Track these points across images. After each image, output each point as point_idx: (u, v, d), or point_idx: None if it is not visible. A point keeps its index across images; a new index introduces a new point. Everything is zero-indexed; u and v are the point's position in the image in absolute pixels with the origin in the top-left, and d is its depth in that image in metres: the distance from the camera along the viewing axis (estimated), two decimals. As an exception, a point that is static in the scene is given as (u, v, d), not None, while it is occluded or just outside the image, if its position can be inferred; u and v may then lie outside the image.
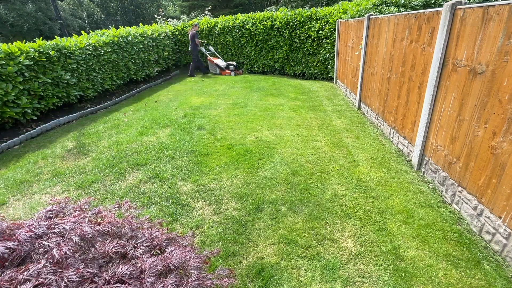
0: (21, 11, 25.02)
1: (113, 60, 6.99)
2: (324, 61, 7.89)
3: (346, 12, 6.79)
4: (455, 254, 2.00)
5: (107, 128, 4.86)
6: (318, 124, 4.59)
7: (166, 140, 4.20)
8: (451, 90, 2.51)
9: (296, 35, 8.18)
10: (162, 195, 2.85)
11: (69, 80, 5.58)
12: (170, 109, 5.78)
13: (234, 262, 2.02)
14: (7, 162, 3.77)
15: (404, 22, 3.42)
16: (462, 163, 2.36)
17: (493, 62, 2.00)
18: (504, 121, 1.91)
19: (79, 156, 3.83)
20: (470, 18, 2.25)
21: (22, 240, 1.04)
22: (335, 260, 2.00)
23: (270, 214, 2.50)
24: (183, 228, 2.37)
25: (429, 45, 2.87)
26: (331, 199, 2.67)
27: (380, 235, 2.20)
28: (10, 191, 3.06)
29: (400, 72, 3.54)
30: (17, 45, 4.74)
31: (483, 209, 2.12)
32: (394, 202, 2.58)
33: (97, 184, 3.10)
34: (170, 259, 1.12)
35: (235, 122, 4.85)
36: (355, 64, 5.57)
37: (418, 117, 3.11)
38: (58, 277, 0.90)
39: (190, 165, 3.43)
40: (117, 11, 34.87)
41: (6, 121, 4.67)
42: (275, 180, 3.03)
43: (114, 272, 0.99)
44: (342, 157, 3.47)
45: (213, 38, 9.91)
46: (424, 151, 3.00)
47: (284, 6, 16.67)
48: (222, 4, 22.60)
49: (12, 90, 4.52)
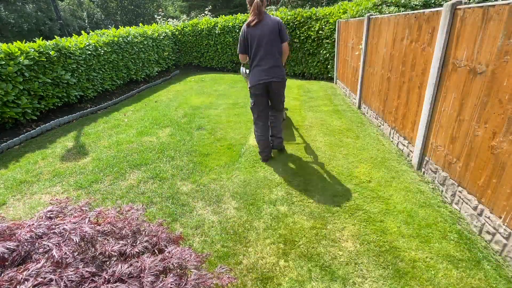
0: (22, 12, 25.04)
1: (113, 60, 6.99)
2: (324, 61, 7.88)
3: (346, 12, 6.79)
4: (455, 254, 2.00)
5: (107, 128, 4.86)
6: (318, 124, 4.58)
7: (166, 140, 4.20)
8: (451, 90, 2.51)
9: (296, 35, 8.17)
10: (162, 195, 2.85)
11: (69, 80, 5.58)
12: (170, 109, 5.78)
13: (235, 261, 2.02)
14: (7, 162, 3.78)
15: (404, 22, 3.42)
16: (462, 163, 2.36)
17: (493, 62, 2.00)
18: (504, 121, 1.91)
19: (79, 156, 3.83)
20: (470, 18, 2.25)
21: (23, 240, 1.04)
22: (335, 260, 2.00)
23: (270, 214, 2.50)
24: (183, 228, 2.37)
25: (429, 45, 2.87)
26: (331, 199, 2.67)
27: (380, 235, 2.20)
28: (10, 191, 3.06)
29: (400, 72, 3.54)
30: (17, 45, 4.74)
31: (483, 209, 2.12)
32: (394, 202, 2.58)
33: (97, 184, 3.11)
34: (170, 258, 1.12)
35: (235, 122, 4.85)
36: (355, 64, 5.57)
37: (418, 117, 3.11)
38: (57, 277, 0.91)
39: (190, 165, 3.43)
40: (117, 11, 34.87)
41: (6, 121, 4.67)
42: (275, 180, 3.03)
43: (114, 272, 0.99)
44: (342, 157, 3.47)
45: (213, 38, 9.90)
46: (424, 151, 3.00)
47: (284, 6, 16.68)
48: (222, 4, 22.61)
49: (12, 90, 4.52)
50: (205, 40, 10.08)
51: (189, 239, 2.25)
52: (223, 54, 10.07)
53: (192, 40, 10.37)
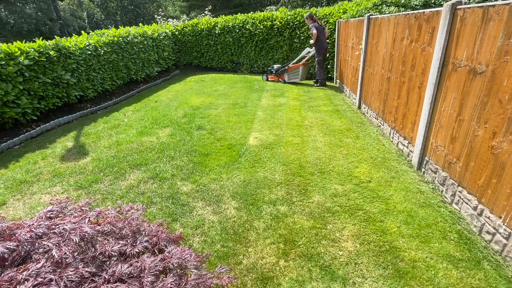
0: (22, 13, 25.05)
1: (113, 60, 6.99)
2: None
3: (346, 12, 6.79)
4: (455, 254, 2.00)
5: (107, 128, 4.86)
6: (318, 124, 4.58)
7: (166, 140, 4.20)
8: (451, 90, 2.51)
9: (296, 35, 8.18)
10: (162, 195, 2.85)
11: (69, 80, 5.58)
12: (170, 109, 5.78)
13: (235, 262, 2.02)
14: (7, 162, 3.78)
15: (404, 22, 3.42)
16: (462, 163, 2.36)
17: (493, 62, 2.00)
18: (504, 121, 1.91)
19: (79, 156, 3.83)
20: (470, 18, 2.25)
21: (22, 240, 1.04)
22: (335, 260, 2.00)
23: (270, 214, 2.50)
24: (183, 228, 2.37)
25: (429, 45, 2.87)
26: (331, 199, 2.67)
27: (380, 235, 2.20)
28: (10, 191, 3.06)
29: (400, 72, 3.54)
30: (17, 45, 4.74)
31: (483, 209, 2.12)
32: (394, 202, 2.58)
33: (97, 184, 3.10)
34: (169, 259, 1.12)
35: (235, 122, 4.85)
36: (355, 64, 5.57)
37: (418, 117, 3.11)
38: (57, 277, 0.91)
39: (190, 165, 3.43)
40: (117, 11, 34.88)
41: (6, 121, 4.67)
42: (275, 180, 3.03)
43: (114, 272, 0.99)
44: (342, 157, 3.47)
45: (213, 38, 9.90)
46: (424, 151, 3.00)
47: (284, 6, 16.67)
48: (222, 4, 22.60)
49: (12, 90, 4.52)
50: (205, 40, 10.08)
51: (189, 239, 2.25)
52: (223, 54, 10.07)
53: (192, 40, 10.37)
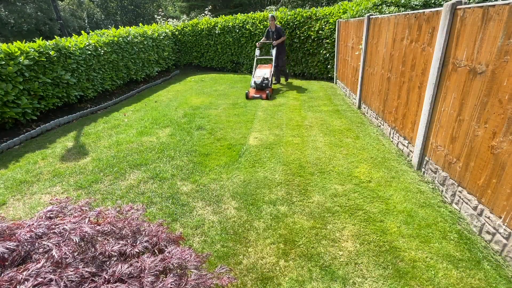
0: (22, 13, 25.04)
1: (113, 60, 6.99)
2: (324, 61, 7.88)
3: (346, 12, 6.79)
4: (455, 254, 2.00)
5: (107, 128, 4.86)
6: (318, 124, 4.58)
7: (166, 140, 4.20)
8: (451, 90, 2.51)
9: (296, 35, 8.17)
10: (162, 195, 2.85)
11: (69, 80, 5.58)
12: (170, 109, 5.78)
13: (235, 262, 2.02)
14: (7, 162, 3.78)
15: (404, 22, 3.42)
16: (462, 163, 2.36)
17: (493, 62, 2.00)
18: (504, 121, 1.91)
19: (79, 156, 3.83)
20: (470, 18, 2.25)
21: (22, 240, 1.04)
22: (335, 260, 2.00)
23: (270, 214, 2.50)
24: (183, 228, 2.37)
25: (429, 45, 2.87)
26: (331, 199, 2.67)
27: (380, 235, 2.20)
28: (10, 191, 3.06)
29: (400, 72, 3.54)
30: (17, 45, 4.74)
31: (483, 209, 2.12)
32: (394, 202, 2.58)
33: (97, 184, 3.10)
34: (170, 259, 1.12)
35: (235, 122, 4.85)
36: (355, 64, 5.57)
37: (418, 117, 3.11)
38: (57, 277, 0.90)
39: (190, 165, 3.43)
40: (117, 11, 34.88)
41: (6, 121, 4.67)
42: (275, 180, 3.03)
43: (114, 272, 0.99)
44: (342, 157, 3.47)
45: (213, 38, 9.90)
46: (424, 151, 3.00)
47: (284, 6, 16.67)
48: (222, 4, 22.59)
49: (12, 90, 4.52)
50: (205, 40, 10.08)
51: (189, 239, 2.25)
52: (223, 54, 10.06)
53: (192, 40, 10.37)
